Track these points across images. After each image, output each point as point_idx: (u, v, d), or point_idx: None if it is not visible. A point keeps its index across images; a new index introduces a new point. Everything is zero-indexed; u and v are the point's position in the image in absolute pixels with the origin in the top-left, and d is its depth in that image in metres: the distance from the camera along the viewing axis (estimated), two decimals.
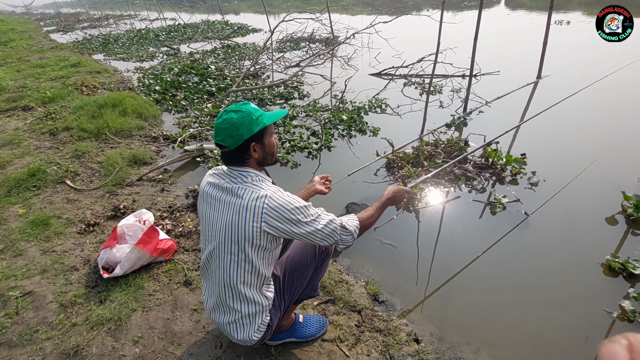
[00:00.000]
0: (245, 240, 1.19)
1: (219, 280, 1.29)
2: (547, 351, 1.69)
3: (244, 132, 1.19)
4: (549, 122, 3.93)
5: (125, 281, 1.93)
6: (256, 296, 1.28)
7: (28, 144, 3.60)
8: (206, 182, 1.33)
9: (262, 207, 1.15)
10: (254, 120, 1.21)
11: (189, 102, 4.90)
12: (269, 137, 1.29)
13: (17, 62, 7.47)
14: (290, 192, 1.27)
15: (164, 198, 2.78)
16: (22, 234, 2.32)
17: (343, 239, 1.28)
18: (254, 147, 1.24)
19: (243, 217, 1.17)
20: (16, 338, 1.66)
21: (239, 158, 1.25)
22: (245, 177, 1.24)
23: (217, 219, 1.25)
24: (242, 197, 1.18)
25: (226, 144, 1.21)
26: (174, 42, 9.88)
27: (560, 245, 2.30)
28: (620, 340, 0.27)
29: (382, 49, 6.93)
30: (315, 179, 1.72)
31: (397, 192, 1.53)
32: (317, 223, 1.22)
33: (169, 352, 1.59)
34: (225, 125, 1.19)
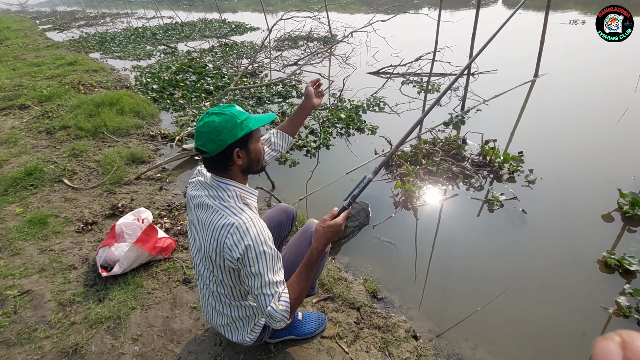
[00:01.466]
0: (214, 266, 1.15)
1: (205, 290, 1.29)
2: (544, 347, 1.70)
3: (226, 137, 1.09)
4: (547, 121, 3.96)
5: (124, 280, 1.93)
6: (243, 303, 1.26)
7: (25, 142, 3.58)
8: (190, 192, 1.26)
9: (224, 239, 1.07)
10: (238, 124, 1.11)
11: (187, 101, 4.89)
12: (254, 143, 1.19)
13: (13, 60, 7.42)
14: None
15: (163, 197, 2.78)
16: (19, 233, 2.31)
17: (268, 321, 1.13)
18: (238, 154, 1.14)
19: (209, 244, 1.11)
20: (14, 337, 1.65)
21: (221, 165, 1.15)
22: (225, 191, 1.15)
23: (196, 236, 1.21)
24: (212, 222, 1.10)
25: (207, 150, 1.10)
26: (171, 41, 9.84)
27: (557, 242, 2.32)
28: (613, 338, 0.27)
29: (380, 47, 6.93)
30: (309, 90, 1.53)
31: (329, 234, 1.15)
32: (259, 287, 1.09)
33: (169, 350, 1.59)
34: (207, 128, 1.09)
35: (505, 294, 1.98)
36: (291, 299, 1.14)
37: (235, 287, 1.21)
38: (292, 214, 1.66)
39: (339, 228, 1.15)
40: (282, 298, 1.12)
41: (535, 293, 1.98)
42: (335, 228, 1.15)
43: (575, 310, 1.88)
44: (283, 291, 1.14)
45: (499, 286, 2.04)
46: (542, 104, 4.37)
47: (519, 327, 1.81)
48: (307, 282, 1.18)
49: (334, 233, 1.15)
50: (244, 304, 1.26)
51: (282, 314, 1.11)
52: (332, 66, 6.49)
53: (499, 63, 5.63)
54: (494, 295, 1.99)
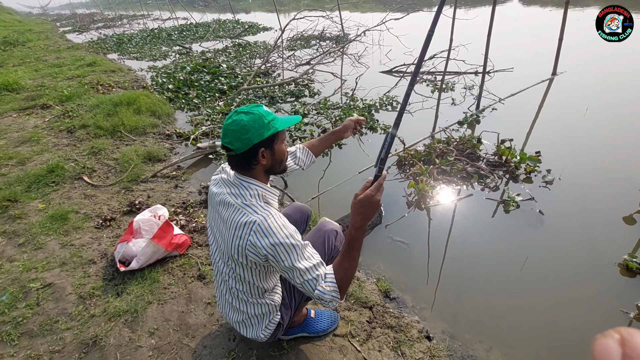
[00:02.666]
0: (235, 263, 1.16)
1: (223, 286, 1.30)
2: (561, 351, 1.67)
3: (253, 136, 1.10)
4: (565, 120, 3.86)
5: (141, 274, 1.98)
6: (260, 301, 1.28)
7: (47, 141, 3.70)
8: (213, 189, 1.27)
9: (247, 236, 1.08)
10: (265, 124, 1.12)
11: (201, 100, 4.96)
12: (279, 144, 1.20)
13: (35, 61, 7.67)
14: None
15: (178, 194, 2.83)
16: (42, 228, 2.39)
17: (318, 300, 1.11)
18: (263, 153, 1.15)
19: (231, 241, 1.12)
20: (37, 328, 1.71)
21: (246, 163, 1.16)
22: (247, 190, 1.16)
23: (217, 231, 1.23)
24: (234, 220, 1.11)
25: (233, 147, 1.11)
26: (186, 41, 10.00)
27: (575, 244, 2.26)
28: (612, 335, 0.27)
29: (393, 46, 6.88)
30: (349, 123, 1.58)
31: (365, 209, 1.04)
32: (299, 275, 1.08)
33: (184, 344, 1.62)
34: (235, 127, 1.10)
35: (522, 297, 1.95)
36: (337, 279, 1.11)
37: (255, 285, 1.22)
38: (307, 213, 1.67)
39: (371, 199, 1.02)
40: (327, 279, 1.11)
41: (552, 296, 1.94)
42: (368, 200, 1.02)
43: (595, 315, 1.83)
44: (327, 272, 1.13)
45: (515, 288, 2.00)
46: (560, 103, 4.26)
47: (536, 330, 1.77)
48: (352, 261, 1.12)
49: (367, 206, 1.03)
50: (260, 301, 1.28)
51: (330, 294, 1.09)
52: (344, 65, 6.47)
53: (515, 61, 5.52)
54: (509, 297, 1.96)
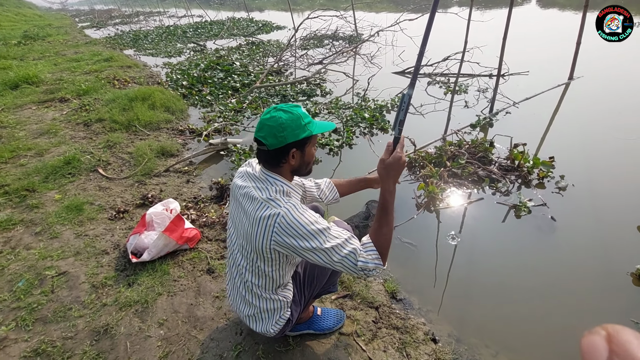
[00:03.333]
0: (256, 253, 1.18)
1: (238, 279, 1.32)
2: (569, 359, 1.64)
3: (288, 135, 1.12)
4: (581, 125, 3.78)
5: (152, 266, 2.02)
6: (273, 296, 1.30)
7: (64, 133, 3.80)
8: (237, 181, 1.28)
9: (272, 228, 1.10)
10: (302, 125, 1.14)
11: (214, 97, 5.02)
12: (310, 147, 1.22)
13: (55, 56, 7.86)
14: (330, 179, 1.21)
15: (189, 189, 2.88)
16: (57, 217, 2.46)
17: (360, 273, 1.11)
18: (294, 154, 1.17)
19: (255, 234, 1.13)
20: (51, 315, 1.77)
21: (275, 160, 1.17)
22: (273, 185, 1.17)
23: (238, 224, 1.25)
24: (256, 214, 1.13)
25: (266, 143, 1.13)
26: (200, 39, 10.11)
27: (587, 252, 2.22)
28: (599, 332, 0.27)
29: (406, 47, 6.83)
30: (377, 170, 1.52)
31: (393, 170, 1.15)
32: (333, 254, 1.09)
33: (192, 336, 1.65)
34: (272, 123, 1.11)
35: (531, 303, 1.92)
36: (377, 245, 1.13)
37: (272, 279, 1.24)
38: (320, 210, 1.69)
39: (399, 161, 1.15)
40: (367, 248, 1.13)
41: (562, 304, 1.91)
42: (396, 162, 1.14)
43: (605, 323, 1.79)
44: (364, 242, 1.14)
45: (524, 294, 1.98)
46: (577, 108, 4.18)
47: (544, 337, 1.75)
48: (389, 225, 1.15)
49: (396, 168, 1.15)
50: (273, 297, 1.30)
51: (374, 262, 1.10)
52: (356, 65, 6.46)
53: (531, 64, 5.43)
54: (518, 303, 1.94)
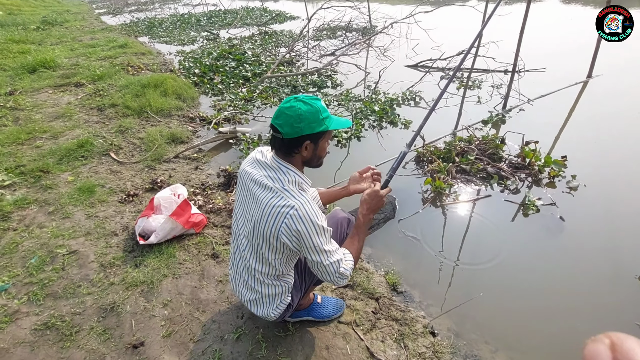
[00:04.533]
0: (264, 241, 1.20)
1: (241, 264, 1.35)
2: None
3: (304, 127, 1.13)
4: (597, 126, 3.68)
5: (158, 249, 2.07)
6: (275, 282, 1.32)
7: (78, 117, 3.88)
8: (247, 168, 1.29)
9: (283, 218, 1.12)
10: (319, 119, 1.15)
11: (225, 86, 5.04)
12: (324, 141, 1.24)
13: (71, 41, 7.98)
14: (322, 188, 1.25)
15: (198, 176, 2.92)
16: (70, 198, 2.52)
17: (338, 282, 1.24)
18: (307, 146, 1.18)
19: (265, 221, 1.16)
20: (61, 291, 1.83)
21: (288, 149, 1.19)
22: (286, 175, 1.19)
23: (246, 210, 1.27)
24: (270, 203, 1.15)
25: (282, 131, 1.14)
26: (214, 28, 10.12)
27: (595, 253, 2.18)
28: (603, 340, 0.27)
29: (420, 40, 6.72)
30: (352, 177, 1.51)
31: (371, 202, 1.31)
32: (327, 257, 1.19)
33: (195, 317, 1.69)
34: (291, 112, 1.13)
35: (534, 303, 1.91)
36: (354, 256, 1.31)
37: (274, 267, 1.27)
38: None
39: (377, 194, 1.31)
40: (346, 259, 1.27)
41: (567, 305, 1.89)
42: (374, 194, 1.31)
43: (610, 327, 1.76)
44: (345, 253, 1.29)
45: (528, 293, 1.96)
46: (594, 108, 4.06)
47: (545, 337, 1.74)
48: (360, 243, 1.34)
49: (376, 202, 1.31)
50: (275, 282, 1.32)
51: (349, 272, 1.26)
52: (369, 58, 6.39)
53: (549, 61, 5.28)
54: (521, 302, 1.92)
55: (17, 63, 5.57)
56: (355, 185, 1.49)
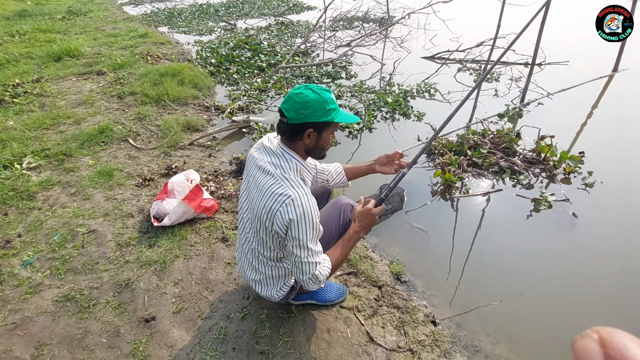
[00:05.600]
0: (261, 226, 1.24)
1: (246, 246, 1.40)
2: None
3: (309, 115, 1.15)
4: (620, 122, 3.54)
5: (171, 231, 2.16)
6: (278, 264, 1.37)
7: (99, 104, 4.02)
8: (254, 153, 1.33)
9: (279, 206, 1.15)
10: (325, 110, 1.17)
11: (241, 76, 5.10)
12: (328, 133, 1.25)
13: (94, 31, 8.20)
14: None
15: (211, 163, 3.00)
16: (90, 181, 2.65)
17: (308, 285, 1.26)
18: (309, 134, 1.20)
19: (262, 206, 1.19)
20: (80, 267, 1.95)
21: (291, 135, 1.22)
22: (288, 162, 1.22)
23: (249, 194, 1.31)
24: (269, 189, 1.18)
25: (287, 115, 1.17)
26: (231, 18, 10.17)
27: (608, 252, 2.14)
28: (591, 335, 0.26)
29: (438, 31, 6.57)
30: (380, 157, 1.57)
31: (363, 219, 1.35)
32: (308, 255, 1.20)
33: (203, 296, 1.77)
34: (298, 98, 1.15)
35: (541, 299, 1.89)
36: (332, 265, 1.31)
37: (274, 251, 1.32)
38: (328, 190, 1.73)
39: (370, 212, 1.34)
40: (324, 265, 1.28)
41: (575, 302, 1.87)
42: (367, 213, 1.34)
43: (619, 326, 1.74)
44: (324, 259, 1.29)
45: (534, 288, 1.95)
46: (618, 103, 3.90)
47: (549, 333, 1.73)
48: (343, 255, 1.35)
49: (365, 217, 1.34)
50: (278, 265, 1.38)
51: (323, 278, 1.26)
52: (385, 49, 6.31)
53: (573, 53, 5.08)
54: (527, 297, 1.91)
55: (44, 51, 5.79)
56: (382, 167, 1.54)
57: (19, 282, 1.84)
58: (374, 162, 1.57)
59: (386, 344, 1.55)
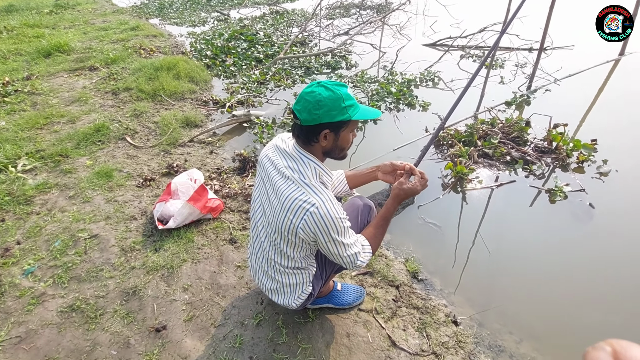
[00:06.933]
0: (279, 234, 1.17)
1: (260, 254, 1.32)
2: None
3: (323, 115, 1.06)
4: (630, 106, 3.47)
5: (177, 233, 2.07)
6: (295, 271, 1.29)
7: (94, 101, 3.88)
8: (267, 154, 1.25)
9: (303, 214, 1.09)
10: (340, 107, 1.07)
11: (238, 68, 4.95)
12: (347, 132, 1.15)
13: (84, 24, 7.94)
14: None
15: (213, 160, 2.90)
16: (89, 183, 2.55)
17: (353, 268, 1.25)
18: (326, 135, 1.11)
19: (284, 215, 1.12)
20: (84, 274, 1.86)
21: (306, 138, 1.13)
22: (306, 166, 1.14)
23: (265, 200, 1.23)
24: (290, 196, 1.10)
25: (300, 117, 1.08)
26: (224, 7, 9.91)
27: (628, 242, 2.08)
28: (604, 348, 0.26)
29: (439, 16, 6.41)
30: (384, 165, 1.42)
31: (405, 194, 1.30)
32: (345, 250, 1.17)
33: (215, 302, 1.70)
34: (310, 98, 1.07)
35: (560, 293, 1.84)
36: (373, 249, 1.29)
37: (294, 259, 1.24)
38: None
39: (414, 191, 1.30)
40: (365, 252, 1.25)
41: (595, 296, 1.82)
42: (412, 191, 1.30)
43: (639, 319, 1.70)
44: (364, 244, 1.26)
45: (554, 283, 1.90)
46: (626, 88, 3.82)
47: (571, 328, 1.69)
48: (383, 235, 1.33)
49: (409, 195, 1.30)
50: (296, 272, 1.30)
51: (366, 262, 1.26)
52: (384, 37, 6.15)
53: (578, 37, 4.97)
54: (547, 292, 1.86)
55: (33, 47, 5.58)
56: (385, 175, 1.42)
57: (20, 293, 1.75)
58: (376, 169, 1.45)
59: (409, 348, 1.49)
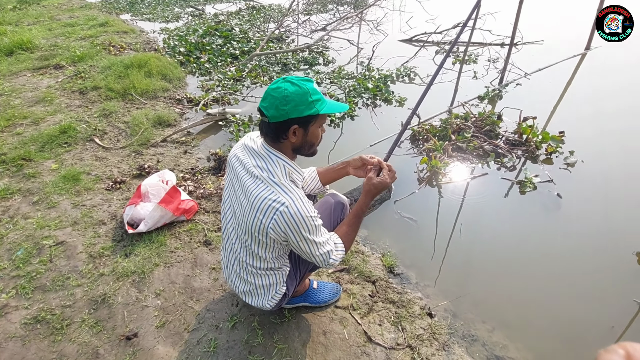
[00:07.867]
0: (251, 238, 1.15)
1: (232, 256, 1.30)
2: (567, 337, 1.65)
3: (290, 110, 1.05)
4: (595, 100, 3.62)
5: (148, 237, 2.01)
6: (268, 272, 1.28)
7: (59, 101, 3.70)
8: (236, 154, 1.23)
9: (272, 214, 1.07)
10: (308, 102, 1.06)
11: (213, 65, 4.84)
12: (315, 127, 1.14)
13: (49, 20, 7.56)
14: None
15: (187, 160, 2.82)
16: (54, 187, 2.43)
17: (326, 266, 1.25)
18: (295, 131, 1.10)
19: (254, 216, 1.10)
20: (50, 283, 1.78)
21: (275, 135, 1.11)
22: (275, 165, 1.12)
23: (235, 201, 1.20)
24: (259, 195, 1.09)
25: (267, 114, 1.06)
26: (199, 2, 9.65)
27: (593, 230, 2.18)
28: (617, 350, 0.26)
29: (414, 12, 6.48)
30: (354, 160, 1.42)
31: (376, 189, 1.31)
32: (317, 248, 1.16)
33: (188, 307, 1.66)
34: (276, 94, 1.05)
35: (531, 281, 1.91)
36: (346, 247, 1.29)
37: (266, 260, 1.22)
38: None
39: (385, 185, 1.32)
40: (337, 249, 1.25)
41: (563, 282, 1.89)
42: (383, 185, 1.32)
43: (606, 303, 1.78)
44: (336, 242, 1.26)
45: (524, 272, 1.96)
46: (592, 81, 3.99)
47: (542, 314, 1.75)
48: (356, 231, 1.33)
49: (380, 189, 1.31)
50: (269, 273, 1.28)
51: (339, 260, 1.25)
52: (362, 32, 6.16)
53: (547, 32, 5.14)
54: (517, 280, 1.92)
55: None
56: (356, 170, 1.43)
57: None
58: (347, 164, 1.45)
59: (385, 343, 1.51)
